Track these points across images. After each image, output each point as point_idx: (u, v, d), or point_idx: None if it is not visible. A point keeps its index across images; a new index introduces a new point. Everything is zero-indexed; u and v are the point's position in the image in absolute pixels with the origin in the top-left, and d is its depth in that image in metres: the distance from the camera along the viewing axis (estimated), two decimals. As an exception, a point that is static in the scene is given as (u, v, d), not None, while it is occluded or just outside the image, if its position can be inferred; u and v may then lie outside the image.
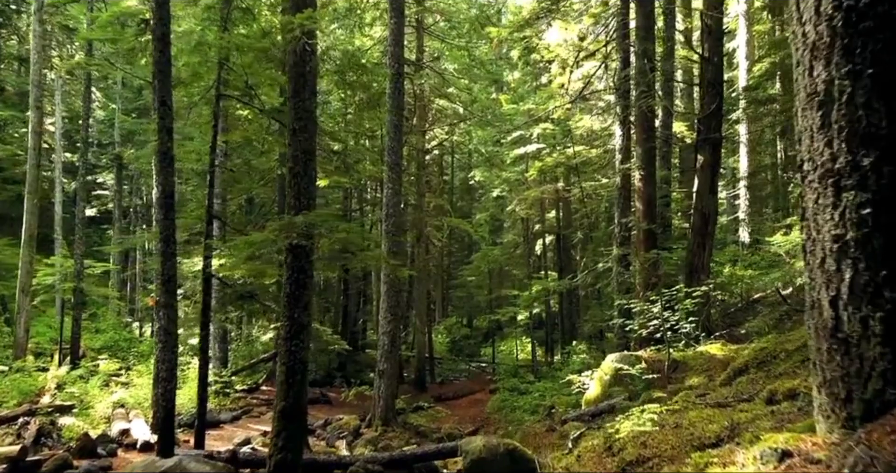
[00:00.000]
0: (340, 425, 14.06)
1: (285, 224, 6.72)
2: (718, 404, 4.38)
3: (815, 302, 2.66)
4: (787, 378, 4.89)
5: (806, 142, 2.72)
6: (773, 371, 5.30)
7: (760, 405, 3.72)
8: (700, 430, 3.47)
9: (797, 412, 3.22)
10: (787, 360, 5.41)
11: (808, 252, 2.71)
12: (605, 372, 8.94)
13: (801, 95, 2.77)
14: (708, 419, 3.65)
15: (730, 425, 3.37)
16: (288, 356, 6.98)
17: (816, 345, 2.66)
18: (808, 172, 2.69)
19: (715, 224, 12.69)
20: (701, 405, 4.55)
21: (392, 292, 14.47)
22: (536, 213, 27.60)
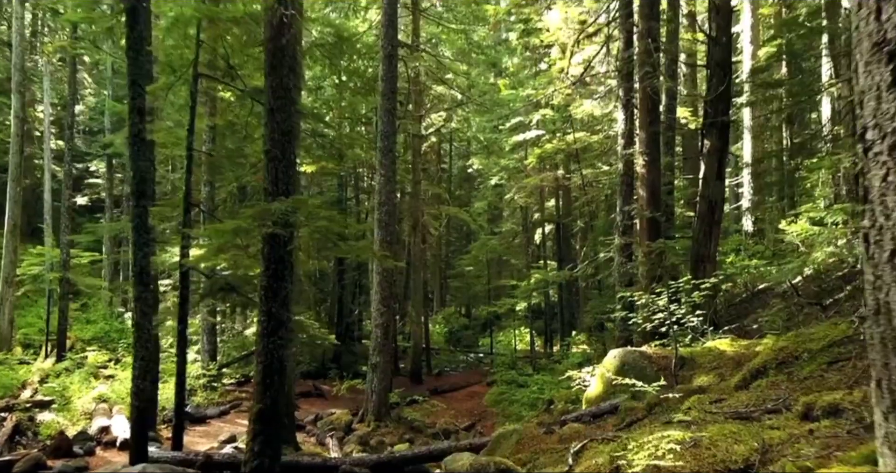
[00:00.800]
0: (331, 420, 13.57)
1: (259, 211, 6.16)
2: (740, 415, 3.85)
3: (882, 306, 2.11)
4: (814, 384, 4.36)
5: (870, 105, 2.16)
6: (796, 374, 4.77)
7: (794, 421, 3.19)
8: (724, 452, 2.95)
9: (846, 435, 2.69)
10: (811, 362, 4.88)
11: (871, 243, 2.16)
12: (607, 369, 8.42)
13: (864, 45, 2.20)
14: (732, 436, 3.11)
15: (761, 447, 2.84)
16: (265, 354, 6.45)
17: (882, 360, 2.12)
18: (874, 142, 2.14)
19: (722, 212, 12.14)
20: (719, 415, 4.02)
21: (385, 283, 13.95)
22: (536, 201, 27.03)
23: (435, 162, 32.62)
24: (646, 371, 7.94)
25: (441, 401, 18.05)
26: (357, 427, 13.72)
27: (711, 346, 8.20)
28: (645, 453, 3.12)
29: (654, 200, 12.18)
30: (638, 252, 12.28)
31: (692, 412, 4.36)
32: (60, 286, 19.13)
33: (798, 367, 4.92)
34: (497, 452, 7.06)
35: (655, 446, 3.20)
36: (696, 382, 7.14)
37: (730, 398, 4.72)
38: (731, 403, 4.41)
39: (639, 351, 8.24)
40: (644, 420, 6.42)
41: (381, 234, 13.98)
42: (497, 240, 27.09)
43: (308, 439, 12.78)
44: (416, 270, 21.47)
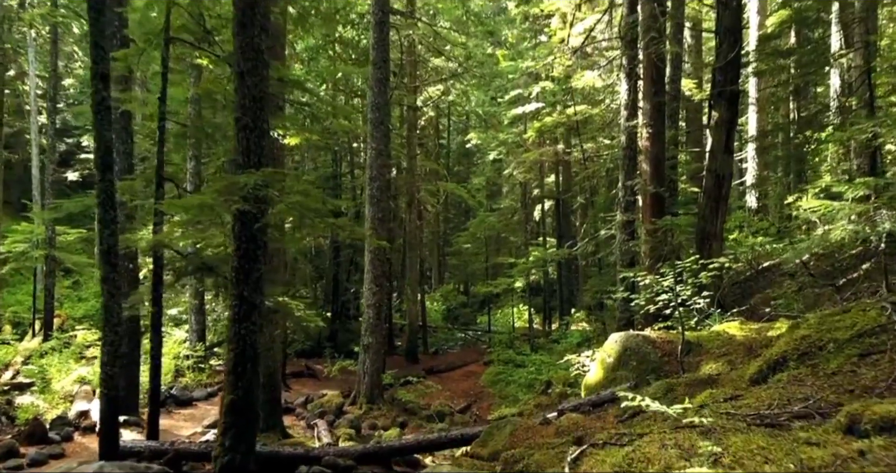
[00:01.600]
0: (322, 403, 13.15)
1: (226, 186, 5.58)
2: (764, 420, 3.32)
3: None
4: (846, 380, 3.83)
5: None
6: (822, 368, 4.24)
7: (835, 436, 2.65)
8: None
9: (912, 462, 2.16)
10: (839, 354, 4.35)
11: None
12: (607, 354, 7.91)
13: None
14: (761, 453, 2.58)
15: (799, 471, 2.32)
16: (237, 340, 5.92)
17: None
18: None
19: (729, 187, 11.53)
20: (738, 419, 3.49)
21: (377, 261, 13.42)
22: (535, 177, 26.37)
23: (433, 137, 31.96)
24: (649, 357, 7.44)
25: (437, 381, 17.66)
26: (348, 410, 13.30)
27: (720, 330, 7.69)
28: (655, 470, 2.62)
29: (657, 174, 11.59)
30: (640, 230, 11.72)
31: (707, 414, 3.83)
32: (46, 264, 18.62)
33: (823, 359, 4.38)
34: (489, 445, 6.58)
35: (667, 465, 2.68)
36: (705, 369, 6.63)
37: (747, 395, 4.19)
38: (749, 402, 3.88)
39: (642, 336, 7.73)
40: (647, 412, 5.92)
41: (372, 211, 13.41)
42: (495, 217, 26.48)
43: (297, 422, 12.36)
44: (412, 247, 20.93)
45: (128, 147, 11.35)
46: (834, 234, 6.83)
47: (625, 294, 9.78)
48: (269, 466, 7.51)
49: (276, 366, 10.62)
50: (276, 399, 10.60)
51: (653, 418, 5.30)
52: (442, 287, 35.22)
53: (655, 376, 7.22)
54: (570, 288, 26.78)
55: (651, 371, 7.29)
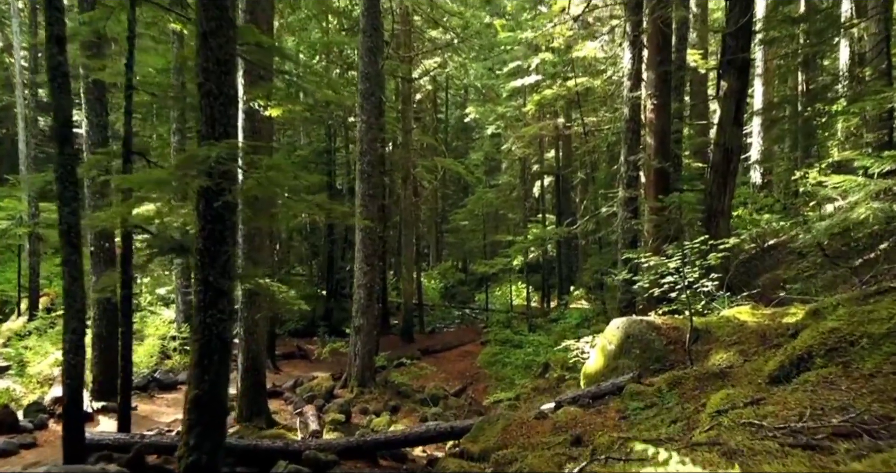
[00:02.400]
0: (312, 386, 12.69)
1: (185, 159, 4.99)
2: (798, 438, 2.78)
3: None
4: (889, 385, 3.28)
5: None
6: (856, 368, 3.70)
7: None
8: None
9: None
10: (874, 351, 3.81)
11: None
12: (608, 341, 7.39)
13: None
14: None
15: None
16: (202, 330, 5.38)
17: None
18: None
19: (738, 162, 10.94)
20: (765, 433, 2.95)
21: (368, 240, 12.85)
22: (535, 152, 25.68)
23: (430, 111, 31.20)
24: (653, 345, 6.92)
25: (432, 362, 17.22)
26: (339, 394, 12.86)
27: (729, 315, 7.16)
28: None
29: (662, 148, 10.97)
30: (643, 207, 11.14)
31: (725, 424, 3.30)
32: (29, 242, 18.08)
33: (857, 357, 3.84)
34: (479, 440, 6.09)
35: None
36: (714, 359, 6.11)
37: (770, 398, 3.65)
38: (776, 409, 3.34)
39: (646, 321, 7.20)
40: (653, 407, 5.41)
41: (363, 187, 12.80)
42: (494, 193, 25.84)
43: (284, 407, 11.91)
44: (407, 225, 20.35)
45: (101, 120, 10.72)
46: (857, 212, 6.25)
47: (627, 275, 9.25)
48: (246, 460, 7.05)
49: (259, 350, 10.12)
50: (259, 384, 10.13)
51: (659, 417, 4.78)
52: (440, 265, 34.72)
53: (660, 365, 6.71)
54: (569, 266, 26.29)
55: (655, 360, 6.78)
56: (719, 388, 5.10)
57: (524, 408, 11.45)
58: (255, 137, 9.78)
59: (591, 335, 8.40)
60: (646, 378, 6.52)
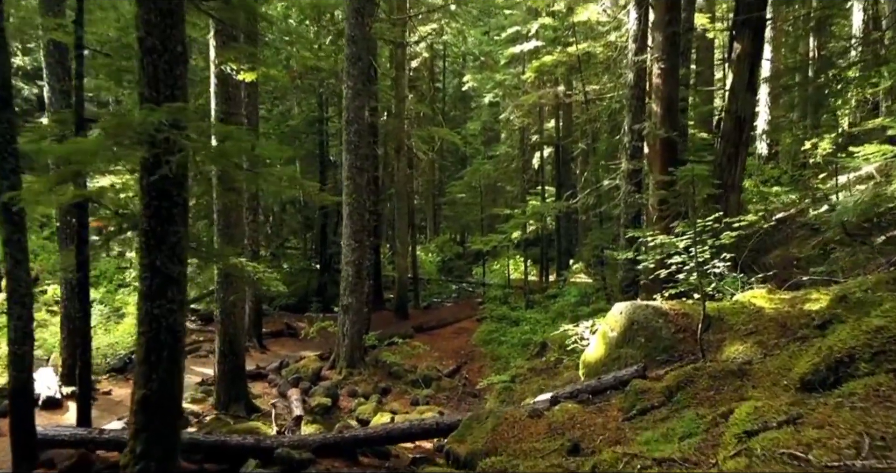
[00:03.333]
0: (298, 368, 12.12)
1: (116, 126, 4.26)
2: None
3: None
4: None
5: None
6: (914, 379, 3.05)
7: None
8: None
9: None
10: (936, 357, 3.15)
11: None
12: (610, 327, 6.75)
13: None
14: None
15: None
16: (149, 322, 4.73)
17: None
18: None
19: (750, 131, 10.19)
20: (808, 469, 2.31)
21: (356, 215, 12.16)
22: (534, 121, 24.79)
23: (427, 80, 30.26)
24: (660, 333, 6.29)
25: (426, 340, 16.66)
26: (327, 375, 12.30)
27: (744, 300, 6.51)
28: None
29: (670, 116, 10.20)
30: (648, 180, 10.42)
31: (757, 452, 2.65)
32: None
33: (913, 364, 3.20)
34: (467, 440, 5.48)
35: None
36: (729, 352, 5.47)
37: (809, 416, 2.99)
38: (821, 435, 2.68)
39: (652, 307, 6.55)
40: (661, 408, 4.78)
41: (350, 158, 12.06)
42: (492, 165, 25.03)
43: (268, 390, 11.36)
44: (401, 197, 19.61)
45: (65, 85, 9.92)
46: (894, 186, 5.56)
47: (630, 254, 8.59)
48: (215, 456, 6.47)
49: (237, 332, 9.51)
50: (238, 368, 9.54)
51: (669, 424, 4.14)
52: (437, 238, 34.05)
53: (667, 356, 6.08)
54: (568, 239, 25.64)
55: (662, 351, 6.15)
56: (738, 389, 4.46)
57: (519, 392, 10.92)
58: (229, 104, 9.02)
59: (591, 319, 7.76)
60: (651, 371, 5.90)
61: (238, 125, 9.17)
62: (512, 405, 10.62)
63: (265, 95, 23.17)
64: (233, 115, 9.05)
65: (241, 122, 9.28)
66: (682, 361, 5.85)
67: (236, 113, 9.07)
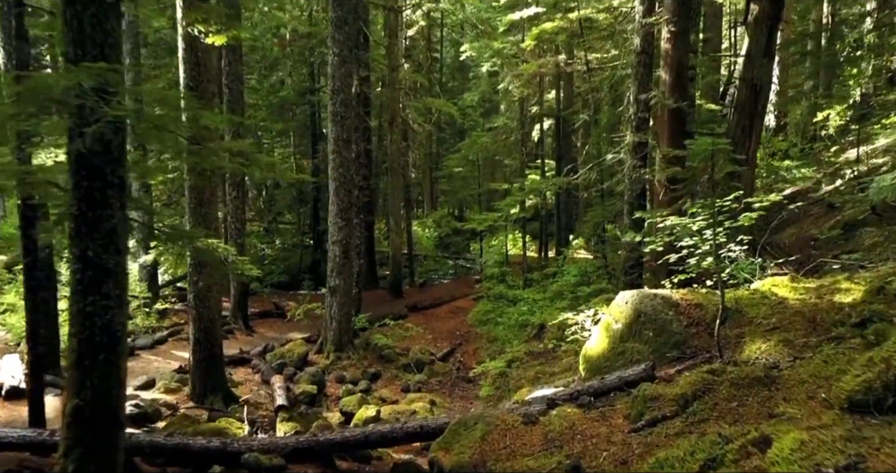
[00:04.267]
0: (283, 352, 11.53)
1: (30, 89, 3.54)
2: None
3: None
4: None
5: None
6: None
7: None
8: None
9: None
10: None
11: None
12: (614, 318, 6.10)
13: None
14: None
15: None
16: (82, 321, 4.07)
17: None
18: None
19: (767, 100, 9.43)
20: None
21: (343, 191, 11.46)
22: (534, 92, 23.86)
23: (424, 49, 29.27)
24: (670, 327, 5.63)
25: (420, 320, 16.08)
26: (314, 360, 11.73)
27: (764, 289, 5.84)
28: None
29: (679, 84, 9.43)
30: (655, 153, 9.69)
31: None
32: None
33: None
34: (453, 449, 4.86)
35: None
36: (750, 350, 4.83)
37: (875, 458, 2.35)
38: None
39: (661, 296, 5.88)
40: (675, 419, 4.15)
41: (336, 130, 11.31)
42: (489, 137, 24.13)
43: (251, 377, 10.79)
44: (394, 172, 18.85)
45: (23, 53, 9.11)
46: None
47: (636, 237, 7.91)
48: (179, 459, 5.88)
49: (213, 318, 8.87)
50: (214, 356, 8.93)
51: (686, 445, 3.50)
52: (434, 213, 33.31)
53: (679, 352, 5.44)
54: (568, 214, 24.92)
55: (673, 346, 5.50)
56: (766, 401, 3.82)
57: (515, 379, 10.34)
58: (199, 71, 8.24)
59: (593, 308, 7.10)
60: (661, 370, 5.27)
61: (210, 95, 8.42)
62: (508, 393, 10.06)
63: (255, 65, 22.26)
64: (203, 83, 8.28)
65: (212, 91, 8.51)
66: (696, 359, 5.21)
67: (207, 81, 8.29)
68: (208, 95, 8.35)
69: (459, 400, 10.44)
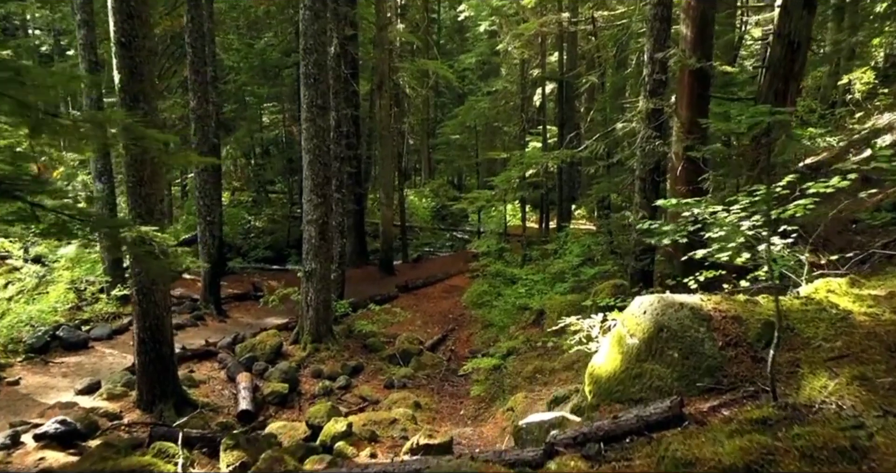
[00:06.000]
0: (254, 344, 10.42)
1: None
2: None
3: None
4: None
5: None
6: None
7: None
8: None
9: None
10: None
11: None
12: (629, 330, 4.91)
13: None
14: None
15: None
16: None
17: None
18: None
19: (805, 60, 8.07)
20: None
21: (318, 164, 10.20)
22: (535, 54, 22.30)
23: (421, 9, 27.61)
24: (701, 347, 4.44)
25: (411, 301, 14.99)
26: (289, 351, 10.63)
27: (819, 297, 4.63)
28: None
29: (702, 41, 8.06)
30: (673, 122, 8.38)
31: None
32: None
33: None
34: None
35: None
36: (810, 389, 3.65)
37: None
38: None
39: (688, 306, 4.66)
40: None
41: (310, 94, 9.99)
42: (488, 102, 22.64)
43: (215, 373, 9.68)
44: (383, 140, 17.50)
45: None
46: None
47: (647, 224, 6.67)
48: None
49: (161, 314, 7.68)
50: (165, 357, 7.79)
51: None
52: (432, 181, 31.96)
53: (712, 381, 4.26)
54: (570, 183, 23.58)
55: (706, 373, 4.32)
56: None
57: (511, 376, 9.22)
58: (132, 24, 6.90)
59: (603, 315, 5.89)
60: (691, 403, 4.11)
61: (148, 54, 7.10)
62: (502, 394, 8.96)
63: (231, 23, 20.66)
64: (139, 39, 6.95)
65: (152, 49, 7.18)
66: (737, 392, 4.04)
67: (143, 36, 6.95)
68: (144, 54, 7.03)
69: (448, 400, 9.37)
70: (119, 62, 7.01)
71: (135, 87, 7.03)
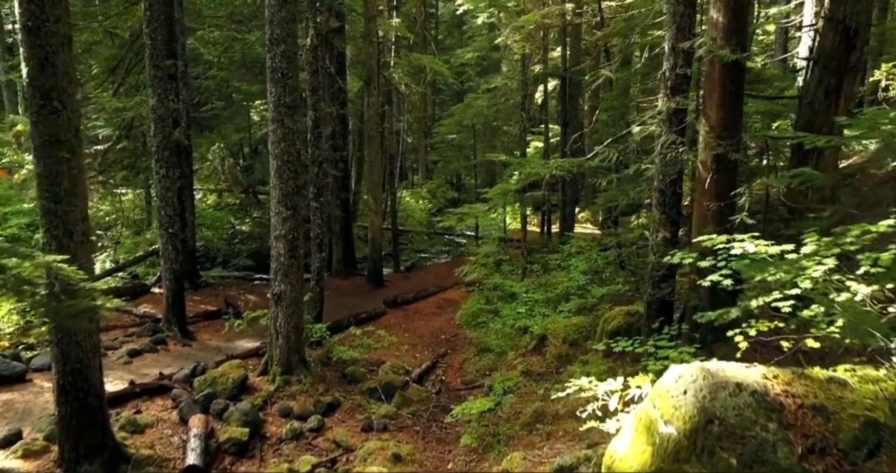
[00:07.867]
0: (215, 377, 9.09)
1: None
2: None
3: None
4: None
5: None
6: None
7: None
8: None
9: None
10: None
11: None
12: (662, 413, 3.59)
13: None
14: None
15: None
16: None
17: None
18: None
19: (863, 50, 6.76)
20: None
21: (288, 171, 8.91)
22: (537, 49, 20.97)
23: (417, 2, 26.41)
24: (772, 454, 3.12)
25: (400, 319, 13.71)
26: (256, 384, 9.32)
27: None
28: None
29: (737, 27, 6.73)
30: (700, 125, 7.05)
31: None
32: None
33: None
34: None
35: None
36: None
37: None
38: None
39: (747, 386, 3.34)
40: None
41: (277, 91, 8.69)
42: (486, 100, 21.29)
43: (167, 414, 8.36)
44: (371, 140, 16.17)
45: None
46: None
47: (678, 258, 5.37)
48: None
49: (86, 356, 6.39)
50: (92, 408, 6.50)
51: None
52: (429, 182, 30.64)
53: (790, 508, 2.93)
54: (574, 185, 22.25)
55: (780, 494, 3.00)
56: None
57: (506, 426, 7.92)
58: (42, 5, 5.61)
59: (622, 379, 4.57)
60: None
61: (62, 41, 5.80)
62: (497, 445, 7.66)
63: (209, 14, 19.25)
64: (50, 24, 5.66)
65: (68, 36, 5.88)
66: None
67: (55, 21, 5.66)
68: (58, 41, 5.73)
69: (435, 448, 8.09)
70: (27, 51, 5.75)
71: (46, 81, 5.75)
